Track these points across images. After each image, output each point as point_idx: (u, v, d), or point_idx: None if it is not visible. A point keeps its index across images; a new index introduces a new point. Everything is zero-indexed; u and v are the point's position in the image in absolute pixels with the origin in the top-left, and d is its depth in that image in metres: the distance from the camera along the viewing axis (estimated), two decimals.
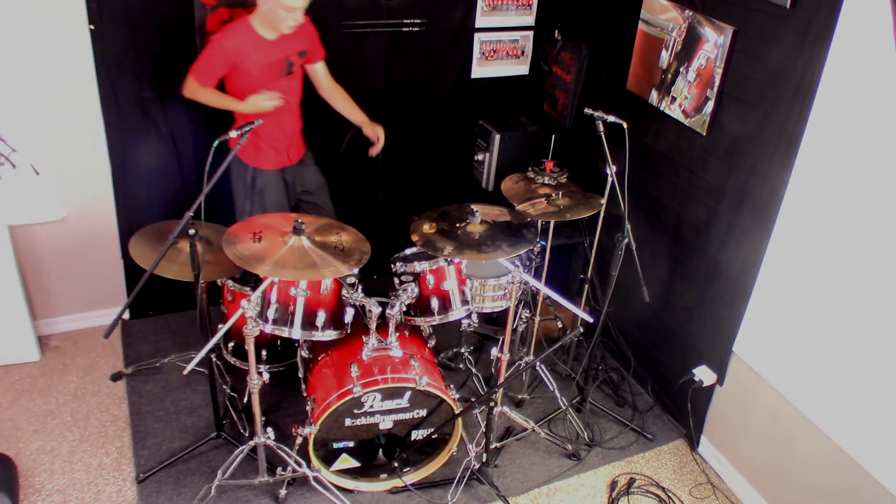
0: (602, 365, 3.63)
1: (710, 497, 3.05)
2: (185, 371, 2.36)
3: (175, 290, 2.81)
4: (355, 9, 3.38)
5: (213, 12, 3.06)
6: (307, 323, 2.62)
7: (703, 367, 3.11)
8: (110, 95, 3.09)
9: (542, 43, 3.87)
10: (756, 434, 2.94)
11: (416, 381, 2.62)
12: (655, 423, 3.38)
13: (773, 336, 2.79)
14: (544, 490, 2.98)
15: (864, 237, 2.38)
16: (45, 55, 2.93)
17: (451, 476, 2.89)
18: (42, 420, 3.05)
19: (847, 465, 2.48)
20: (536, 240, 2.84)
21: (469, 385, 3.40)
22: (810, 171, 2.52)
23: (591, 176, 3.42)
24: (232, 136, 2.34)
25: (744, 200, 2.80)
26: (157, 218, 2.95)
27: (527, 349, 3.42)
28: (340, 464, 2.79)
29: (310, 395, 2.75)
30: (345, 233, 2.69)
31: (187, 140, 3.33)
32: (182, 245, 2.61)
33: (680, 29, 2.99)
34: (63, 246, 3.34)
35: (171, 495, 2.75)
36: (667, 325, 3.35)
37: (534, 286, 3.00)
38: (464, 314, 2.88)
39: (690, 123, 3.00)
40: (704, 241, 3.04)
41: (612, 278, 2.99)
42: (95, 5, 2.89)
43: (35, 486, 2.76)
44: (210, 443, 2.95)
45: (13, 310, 3.21)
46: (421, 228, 2.77)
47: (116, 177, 3.28)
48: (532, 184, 3.17)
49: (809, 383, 2.64)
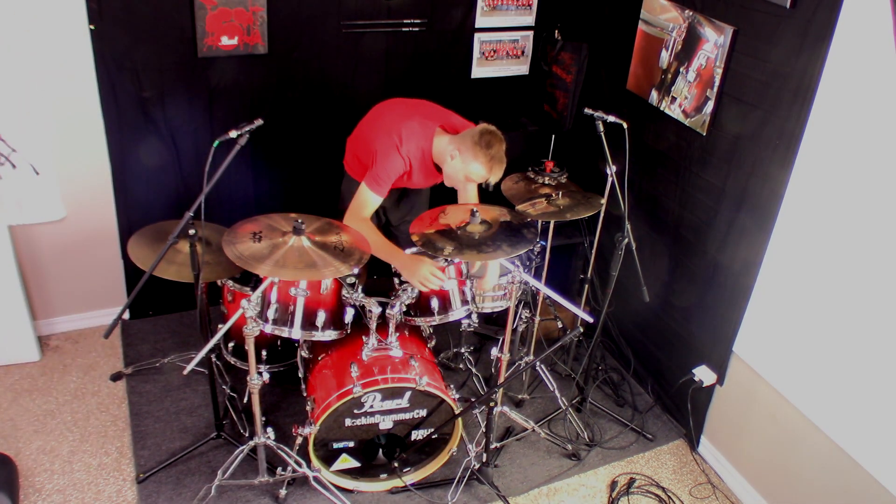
0: (602, 365, 3.63)
1: (710, 497, 3.05)
2: (185, 371, 2.36)
3: (175, 290, 2.81)
4: (355, 9, 3.38)
5: (213, 12, 3.06)
6: (307, 323, 2.62)
7: (703, 367, 3.11)
8: (110, 95, 3.09)
9: (542, 43, 3.87)
10: (756, 434, 2.94)
11: (416, 381, 2.62)
12: (655, 423, 3.38)
13: (773, 336, 2.79)
14: (544, 490, 2.98)
15: (864, 237, 2.38)
16: (45, 55, 2.93)
17: (451, 476, 2.89)
18: (42, 420, 3.05)
19: (847, 465, 2.48)
20: (536, 240, 2.84)
21: (469, 385, 3.40)
22: (810, 171, 2.52)
23: (591, 176, 3.42)
24: (232, 137, 2.33)
25: (744, 200, 2.80)
26: (157, 218, 2.95)
27: (527, 349, 3.42)
28: (340, 464, 2.79)
29: (310, 395, 2.75)
30: (345, 233, 2.69)
31: (187, 140, 3.33)
32: (182, 245, 2.61)
33: (680, 29, 2.99)
34: (63, 246, 3.34)
35: (171, 495, 2.75)
36: (667, 325, 3.35)
37: (534, 286, 3.00)
38: (464, 314, 2.88)
39: (690, 123, 3.00)
40: (704, 241, 3.04)
41: (612, 278, 2.99)
42: (95, 5, 2.89)
43: (35, 486, 2.76)
44: (210, 443, 2.95)
45: (13, 310, 3.21)
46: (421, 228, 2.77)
47: (116, 177, 3.28)
48: (532, 184, 3.17)
49: (809, 383, 2.64)
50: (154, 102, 3.19)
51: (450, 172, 2.82)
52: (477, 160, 2.70)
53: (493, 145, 2.69)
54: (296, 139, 3.56)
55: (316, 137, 3.59)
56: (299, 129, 3.54)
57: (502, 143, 2.73)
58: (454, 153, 2.75)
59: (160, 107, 3.21)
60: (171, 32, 3.07)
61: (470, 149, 2.70)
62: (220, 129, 2.38)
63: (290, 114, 3.49)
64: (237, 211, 3.10)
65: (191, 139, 3.33)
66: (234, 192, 3.50)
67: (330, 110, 3.55)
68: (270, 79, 3.35)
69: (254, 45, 3.21)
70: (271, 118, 2.69)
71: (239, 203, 3.55)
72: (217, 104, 3.30)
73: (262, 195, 3.63)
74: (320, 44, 3.39)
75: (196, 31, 3.07)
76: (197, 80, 3.21)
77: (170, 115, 3.24)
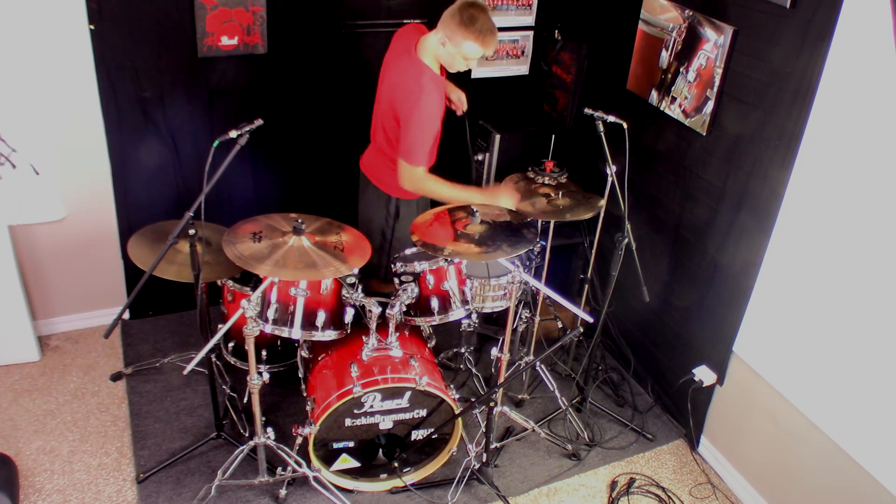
0: (602, 365, 3.63)
1: (710, 497, 3.05)
2: (185, 371, 2.36)
3: (175, 290, 2.81)
4: (355, 9, 3.38)
5: (213, 12, 3.06)
6: (307, 323, 2.62)
7: (703, 367, 3.11)
8: (110, 95, 3.09)
9: (542, 43, 3.87)
10: (756, 434, 2.94)
11: (416, 381, 2.62)
12: (655, 423, 3.38)
13: (772, 336, 2.79)
14: (544, 490, 2.98)
15: (864, 237, 2.38)
16: (45, 55, 2.93)
17: (451, 476, 2.89)
18: (42, 420, 3.05)
19: (847, 465, 2.48)
20: (536, 240, 2.84)
21: (469, 385, 3.40)
22: (810, 171, 2.52)
23: (591, 176, 3.42)
24: (232, 137, 2.33)
25: (744, 200, 2.80)
26: (157, 218, 2.95)
27: (527, 349, 3.42)
28: (340, 464, 2.79)
29: (310, 395, 2.76)
30: (345, 233, 2.69)
31: (187, 140, 3.33)
32: (182, 245, 2.61)
33: (680, 29, 2.99)
34: (63, 246, 3.34)
35: (171, 495, 2.75)
36: (667, 325, 3.35)
37: (534, 286, 3.00)
38: (464, 314, 2.87)
39: (690, 123, 3.00)
40: (704, 242, 3.04)
41: (612, 278, 2.99)
42: (95, 5, 2.89)
43: (35, 486, 2.76)
44: (210, 443, 2.95)
45: (13, 310, 3.21)
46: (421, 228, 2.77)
47: (116, 177, 3.28)
48: (532, 184, 3.17)
49: (809, 383, 2.64)
50: (154, 102, 3.19)
51: (447, 60, 2.77)
52: (467, 39, 2.65)
53: (476, 18, 2.64)
54: (296, 139, 3.56)
55: (316, 137, 3.59)
56: (299, 129, 3.54)
57: (485, 11, 2.68)
58: (443, 40, 2.70)
59: (160, 107, 3.21)
60: (171, 32, 3.07)
61: (456, 30, 2.65)
62: (220, 129, 2.38)
63: (290, 114, 3.49)
64: (237, 211, 3.10)
65: (191, 139, 3.33)
66: (234, 192, 3.49)
67: (330, 110, 3.55)
68: (270, 79, 3.35)
69: (254, 45, 3.21)
70: (271, 118, 2.69)
71: (239, 203, 3.54)
72: (217, 104, 3.30)
73: (262, 195, 3.63)
74: (320, 44, 3.39)
75: (196, 31, 3.07)
76: (197, 80, 3.21)
77: (170, 115, 3.24)
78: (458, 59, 2.75)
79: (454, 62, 2.78)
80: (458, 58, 2.74)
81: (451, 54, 2.73)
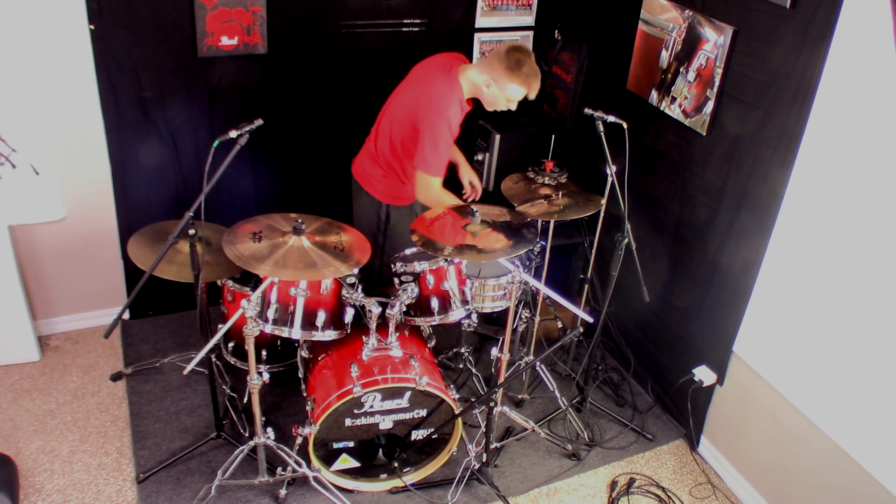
0: (602, 365, 3.63)
1: (710, 497, 3.05)
2: (185, 371, 2.36)
3: (175, 290, 2.81)
4: (355, 9, 3.38)
5: (213, 12, 3.06)
6: (307, 323, 2.62)
7: (703, 367, 3.11)
8: (110, 95, 3.09)
9: (542, 43, 3.87)
10: (756, 434, 2.94)
11: (416, 381, 2.62)
12: (655, 423, 3.38)
13: (772, 336, 2.79)
14: (544, 490, 2.98)
15: (863, 237, 2.38)
16: (46, 55, 2.93)
17: (451, 476, 2.89)
18: (42, 420, 3.05)
19: (847, 465, 2.48)
20: (536, 240, 2.84)
21: (469, 385, 3.40)
22: (810, 171, 2.52)
23: (591, 176, 3.42)
24: (232, 137, 2.33)
25: (744, 200, 2.80)
26: (156, 218, 2.95)
27: (527, 349, 3.42)
28: (340, 464, 2.79)
29: (310, 395, 2.75)
30: (345, 233, 2.69)
31: (187, 140, 3.33)
32: (182, 245, 2.61)
33: (680, 29, 2.99)
34: (63, 246, 3.34)
35: (171, 495, 2.75)
36: (667, 325, 3.35)
37: (534, 286, 3.00)
38: (464, 314, 2.88)
39: (690, 123, 3.00)
40: (704, 242, 3.04)
41: (612, 278, 2.99)
42: (95, 5, 2.89)
43: (35, 486, 2.76)
44: (210, 443, 2.95)
45: (13, 310, 3.21)
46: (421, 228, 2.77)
47: (116, 177, 3.28)
48: (532, 184, 3.17)
49: (809, 383, 2.64)
50: (154, 102, 3.19)
51: (490, 99, 2.86)
52: (513, 82, 2.74)
53: (523, 63, 2.73)
54: (296, 139, 3.56)
55: (316, 137, 3.59)
56: (299, 129, 3.54)
57: (531, 56, 2.77)
58: (489, 83, 2.79)
59: (160, 107, 3.21)
60: (171, 32, 3.07)
61: (503, 73, 2.74)
62: (220, 129, 2.38)
63: (290, 114, 3.49)
64: (237, 211, 3.11)
65: (191, 139, 3.33)
66: (234, 192, 3.50)
67: (330, 110, 3.55)
68: (270, 79, 3.35)
69: (254, 45, 3.21)
70: (271, 118, 2.69)
71: (239, 203, 3.55)
72: (217, 104, 3.30)
73: (262, 195, 3.63)
74: (320, 44, 3.39)
75: (196, 31, 3.07)
76: (197, 80, 3.21)
77: (170, 115, 3.24)
78: (502, 100, 2.84)
79: (497, 102, 2.86)
80: (501, 99, 2.83)
81: (496, 95, 2.83)
